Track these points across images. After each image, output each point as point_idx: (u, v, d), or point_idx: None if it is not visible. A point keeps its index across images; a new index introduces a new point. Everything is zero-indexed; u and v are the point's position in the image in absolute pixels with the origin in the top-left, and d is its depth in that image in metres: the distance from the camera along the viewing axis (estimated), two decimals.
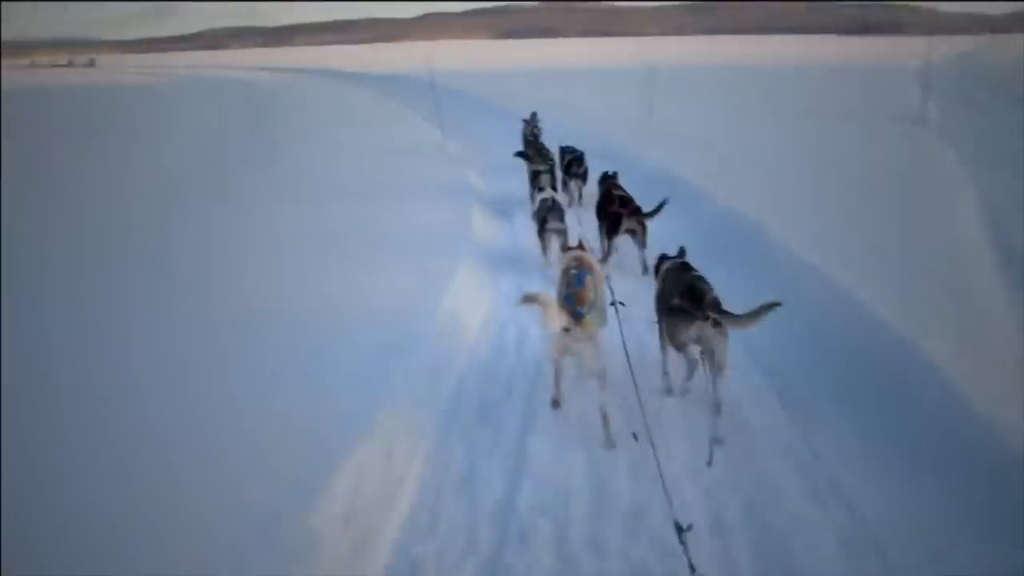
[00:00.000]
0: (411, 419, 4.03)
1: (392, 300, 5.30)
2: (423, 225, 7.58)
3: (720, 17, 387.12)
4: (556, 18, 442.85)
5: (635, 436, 3.80)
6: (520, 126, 11.63)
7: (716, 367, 4.00)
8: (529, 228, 7.38)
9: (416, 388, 4.25)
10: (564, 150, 9.69)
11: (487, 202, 9.52)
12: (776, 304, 3.77)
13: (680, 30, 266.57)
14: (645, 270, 6.44)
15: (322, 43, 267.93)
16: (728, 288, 4.40)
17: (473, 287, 6.12)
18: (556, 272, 4.92)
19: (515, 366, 4.96)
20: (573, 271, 4.37)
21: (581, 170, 9.32)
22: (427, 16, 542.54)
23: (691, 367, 4.38)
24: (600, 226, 6.94)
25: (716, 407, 4.01)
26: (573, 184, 9.42)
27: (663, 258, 4.93)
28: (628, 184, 7.49)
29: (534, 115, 11.76)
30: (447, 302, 5.40)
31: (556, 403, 4.34)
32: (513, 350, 5.22)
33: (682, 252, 4.86)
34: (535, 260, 6.95)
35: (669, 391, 4.48)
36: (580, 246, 4.96)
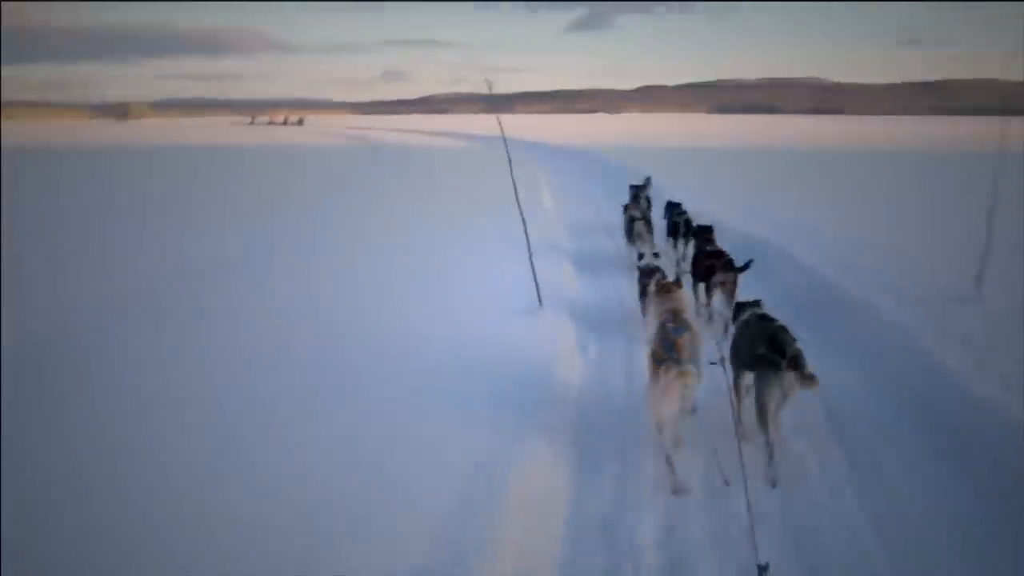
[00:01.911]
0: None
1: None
2: None
3: (958, 95, 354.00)
4: (777, 94, 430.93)
5: (726, 482, 4.10)
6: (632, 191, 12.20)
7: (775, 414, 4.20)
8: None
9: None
10: (671, 207, 10.10)
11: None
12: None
13: (909, 109, 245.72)
14: (725, 328, 6.42)
15: (541, 111, 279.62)
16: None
17: None
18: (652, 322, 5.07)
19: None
20: (670, 325, 4.48)
21: (685, 227, 9.31)
22: (645, 88, 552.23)
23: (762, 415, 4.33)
24: (694, 279, 7.28)
25: (771, 451, 4.20)
26: (679, 243, 9.51)
27: (740, 306, 5.03)
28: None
29: (648, 179, 13.01)
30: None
31: (679, 489, 4.19)
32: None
33: (758, 303, 4.93)
34: None
35: (743, 438, 4.47)
36: (677, 283, 5.14)
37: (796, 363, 4.07)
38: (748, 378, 4.54)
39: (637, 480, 4.32)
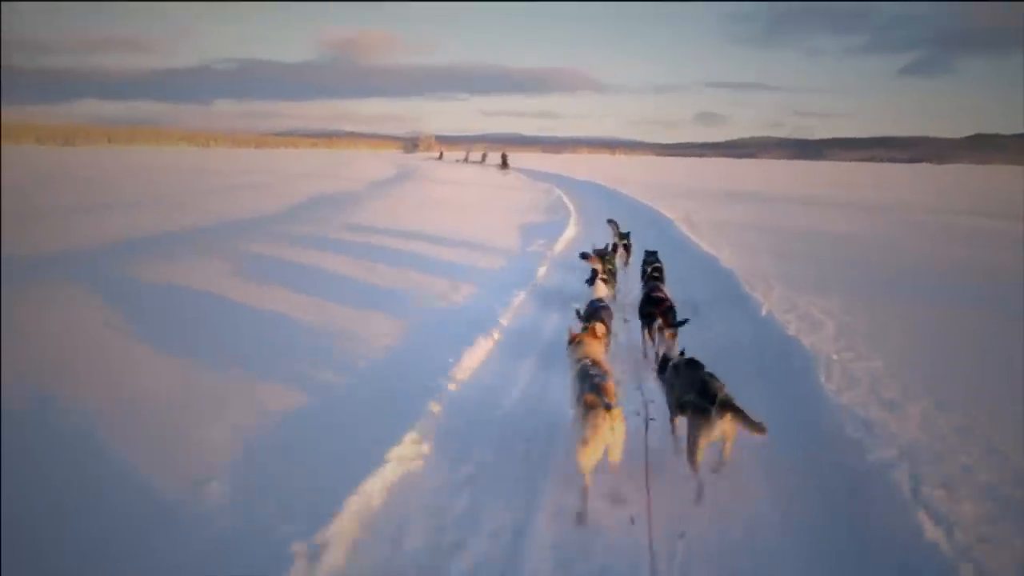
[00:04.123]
0: None
1: None
2: None
3: None
4: None
5: (632, 520, 4.04)
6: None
7: (723, 458, 4.35)
8: None
9: None
10: (648, 255, 9.33)
11: None
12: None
13: None
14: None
15: (855, 159, 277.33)
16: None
17: None
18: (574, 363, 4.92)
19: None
20: (593, 371, 4.53)
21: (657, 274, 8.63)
22: (976, 137, 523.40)
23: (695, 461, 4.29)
24: (642, 324, 7.07)
25: (698, 494, 4.23)
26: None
27: (666, 358, 5.09)
28: None
29: (627, 233, 11.78)
30: None
31: (582, 517, 4.09)
32: None
33: (682, 352, 5.00)
34: None
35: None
36: (592, 332, 5.21)
37: (729, 407, 4.13)
38: (682, 421, 4.56)
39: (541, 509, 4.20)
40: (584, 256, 9.58)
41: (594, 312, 6.63)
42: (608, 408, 4.02)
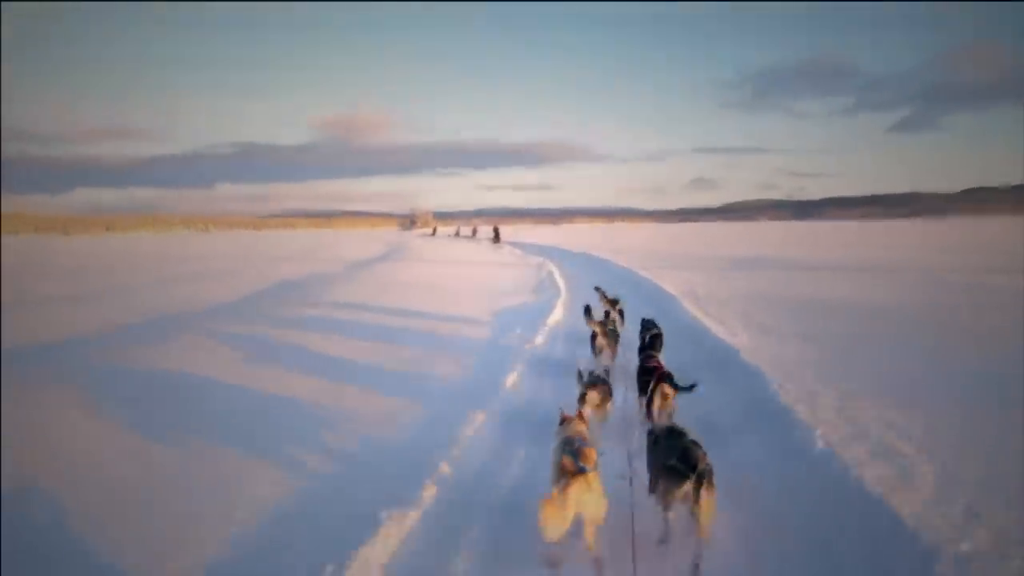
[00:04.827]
0: None
1: None
2: None
3: None
4: None
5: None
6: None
7: (701, 529, 4.12)
8: None
9: None
10: (645, 323, 9.18)
11: None
12: None
13: None
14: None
15: (851, 218, 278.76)
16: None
17: None
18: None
19: None
20: (577, 439, 4.50)
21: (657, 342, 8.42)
22: (972, 191, 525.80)
23: (668, 527, 4.38)
24: (639, 392, 6.79)
25: (695, 567, 4.12)
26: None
27: (652, 431, 4.98)
28: None
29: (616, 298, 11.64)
30: None
31: (554, 565, 4.13)
32: None
33: (670, 415, 5.23)
34: None
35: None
36: (580, 416, 5.07)
37: (702, 479, 4.08)
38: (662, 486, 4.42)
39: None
40: (587, 311, 9.87)
41: (593, 383, 6.32)
42: (582, 471, 3.95)
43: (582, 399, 6.13)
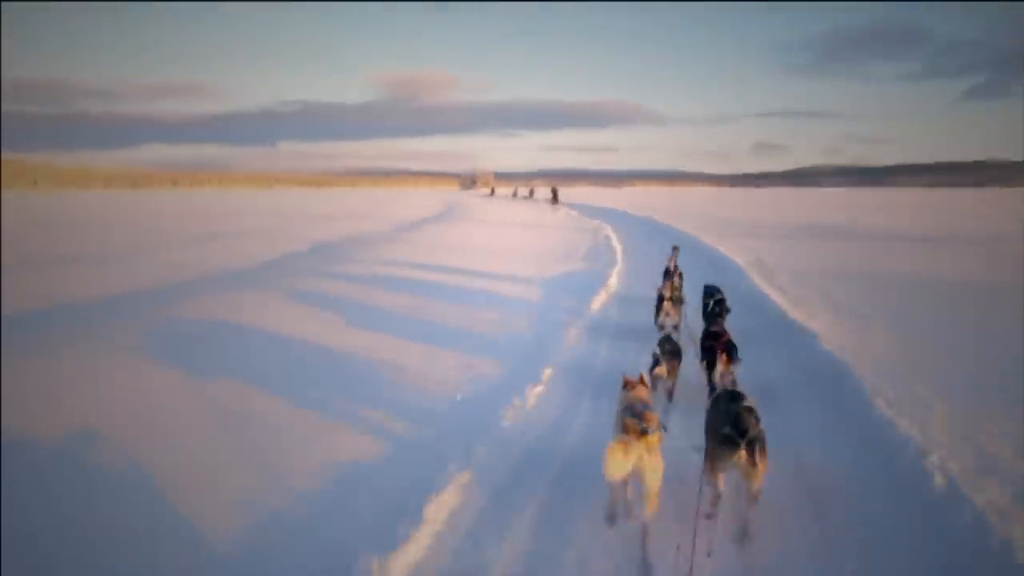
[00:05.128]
0: None
1: None
2: None
3: None
4: None
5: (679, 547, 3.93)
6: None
7: (751, 497, 4.11)
8: None
9: None
10: (707, 289, 9.03)
11: None
12: None
13: None
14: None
15: (917, 184, 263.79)
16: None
17: None
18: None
19: None
20: (639, 404, 4.53)
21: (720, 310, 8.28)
22: None
23: (717, 495, 4.30)
24: (701, 359, 6.79)
25: (743, 533, 4.11)
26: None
27: (714, 389, 5.09)
28: None
29: (675, 248, 11.71)
30: None
31: (612, 519, 4.35)
32: None
33: (734, 382, 4.98)
34: None
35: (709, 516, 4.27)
36: (642, 381, 5.08)
37: (752, 446, 4.02)
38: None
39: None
40: (666, 273, 10.16)
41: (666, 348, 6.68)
42: (644, 432, 4.03)
43: (656, 365, 6.40)
